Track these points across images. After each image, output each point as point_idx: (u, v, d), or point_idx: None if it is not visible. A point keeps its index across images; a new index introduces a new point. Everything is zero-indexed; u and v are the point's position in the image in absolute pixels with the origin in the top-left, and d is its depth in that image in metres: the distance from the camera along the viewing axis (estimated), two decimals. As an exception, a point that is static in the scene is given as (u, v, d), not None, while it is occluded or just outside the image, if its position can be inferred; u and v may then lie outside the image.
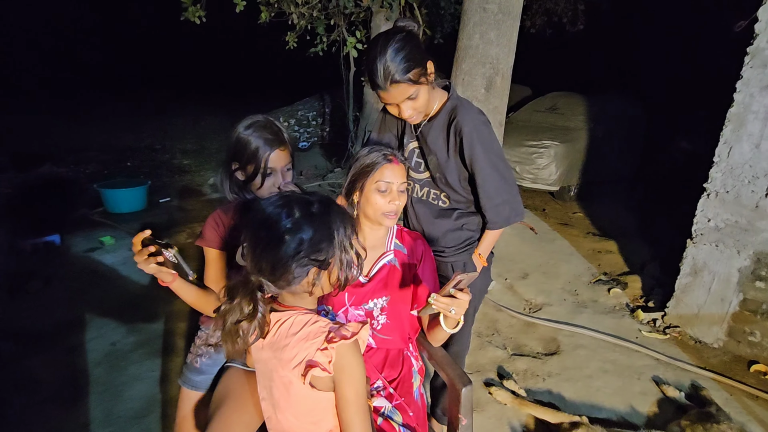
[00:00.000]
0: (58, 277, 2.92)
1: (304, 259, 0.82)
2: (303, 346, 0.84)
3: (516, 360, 2.30)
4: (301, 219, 0.83)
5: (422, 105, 1.19)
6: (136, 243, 0.94)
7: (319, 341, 0.83)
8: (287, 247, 0.81)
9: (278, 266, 0.82)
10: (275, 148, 1.15)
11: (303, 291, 0.88)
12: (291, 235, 0.81)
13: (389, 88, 1.11)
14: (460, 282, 0.94)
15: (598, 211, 4.88)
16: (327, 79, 7.65)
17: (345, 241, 0.87)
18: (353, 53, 5.21)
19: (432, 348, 1.23)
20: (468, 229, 1.35)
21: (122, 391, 2.00)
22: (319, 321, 0.88)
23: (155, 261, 0.94)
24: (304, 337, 0.85)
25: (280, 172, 1.18)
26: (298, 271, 0.83)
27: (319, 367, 0.82)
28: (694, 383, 2.13)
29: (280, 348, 0.87)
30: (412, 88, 1.13)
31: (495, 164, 1.23)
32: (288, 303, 0.92)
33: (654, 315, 2.69)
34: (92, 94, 10.31)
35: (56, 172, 5.31)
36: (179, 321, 2.53)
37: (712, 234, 2.34)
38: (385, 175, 1.16)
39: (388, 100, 1.16)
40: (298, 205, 0.85)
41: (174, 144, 7.16)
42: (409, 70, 1.10)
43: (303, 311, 0.90)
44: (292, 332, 0.87)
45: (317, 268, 0.85)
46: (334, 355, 0.82)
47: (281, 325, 0.89)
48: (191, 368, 1.24)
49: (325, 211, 0.86)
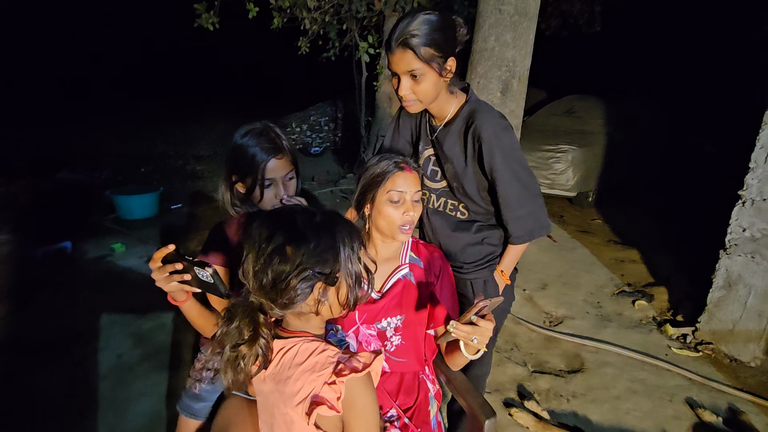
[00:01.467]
0: (67, 286, 2.89)
1: (307, 271, 0.74)
2: (308, 378, 0.75)
3: (537, 378, 2.17)
4: (303, 229, 0.76)
5: (424, 94, 1.09)
6: (157, 259, 0.84)
7: (327, 374, 0.74)
8: (288, 258, 0.74)
9: (279, 281, 0.74)
10: (272, 157, 1.06)
11: (309, 311, 0.80)
12: (292, 246, 0.75)
13: (395, 49, 1.04)
14: (483, 308, 0.84)
15: (619, 218, 4.70)
16: (339, 84, 7.62)
17: (352, 254, 0.80)
18: (365, 58, 5.16)
19: (451, 372, 1.13)
20: (489, 244, 1.24)
21: (127, 407, 1.93)
22: (327, 350, 0.78)
23: (179, 279, 0.84)
24: (310, 368, 0.75)
25: (281, 183, 1.09)
26: (302, 287, 0.75)
27: (326, 405, 0.72)
28: (731, 406, 1.98)
29: (283, 380, 0.77)
30: (417, 63, 1.04)
31: (517, 173, 1.12)
32: (293, 328, 0.83)
33: (684, 330, 2.53)
34: (111, 100, 10.48)
35: (72, 178, 5.35)
36: (187, 333, 2.47)
37: (748, 245, 2.19)
38: (397, 184, 1.07)
39: (391, 65, 1.09)
40: (300, 215, 0.79)
41: (188, 150, 7.19)
42: (424, 44, 1.02)
43: (310, 338, 0.81)
44: (296, 362, 0.77)
45: (323, 283, 0.77)
46: (344, 390, 0.73)
47: (285, 354, 0.80)
48: (190, 394, 1.15)
49: (329, 222, 0.79)
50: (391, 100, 5.37)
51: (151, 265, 0.85)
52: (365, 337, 1.10)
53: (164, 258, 0.84)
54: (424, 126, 1.26)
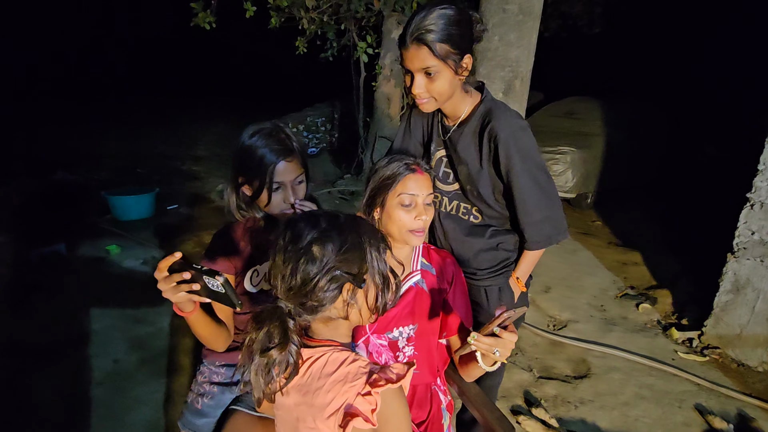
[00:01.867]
0: (62, 289, 2.82)
1: (335, 271, 0.74)
2: (340, 389, 0.71)
3: (544, 384, 2.13)
4: (328, 228, 0.76)
5: (439, 92, 1.05)
6: (162, 268, 0.79)
7: (360, 384, 0.70)
8: (315, 258, 0.73)
9: (307, 282, 0.73)
10: (281, 159, 1.01)
11: (338, 315, 0.78)
12: (319, 245, 0.74)
13: (410, 45, 1.00)
14: (507, 319, 0.80)
15: (619, 220, 4.69)
16: (337, 85, 7.57)
17: (378, 255, 0.79)
18: (364, 58, 5.12)
19: (464, 384, 1.08)
20: (504, 249, 1.20)
21: (124, 415, 1.87)
22: (359, 360, 0.75)
23: (187, 289, 0.79)
24: (342, 378, 0.72)
25: (290, 186, 1.03)
26: (330, 287, 0.74)
27: (361, 417, 0.68)
28: (740, 412, 1.95)
29: (312, 392, 0.74)
30: (432, 60, 1.00)
31: (535, 176, 1.08)
32: (320, 336, 0.80)
33: (690, 334, 2.50)
34: (106, 100, 10.38)
35: (68, 179, 5.27)
36: (184, 336, 2.41)
37: (757, 248, 2.16)
38: (408, 186, 1.02)
39: (405, 62, 1.04)
40: (324, 217, 0.78)
41: (185, 151, 7.11)
42: (440, 40, 0.98)
43: (339, 348, 0.78)
44: (326, 372, 0.74)
45: (351, 284, 0.76)
46: (379, 402, 0.69)
47: (313, 364, 0.76)
48: (192, 409, 1.09)
49: (354, 223, 0.79)
50: (390, 101, 5.33)
51: (156, 275, 0.79)
52: (376, 348, 1.05)
53: (171, 267, 0.79)
54: (436, 126, 1.21)
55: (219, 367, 1.08)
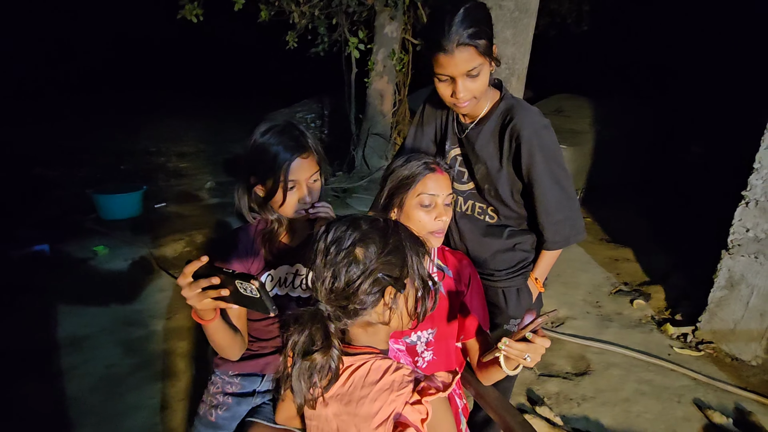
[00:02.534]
0: (48, 291, 2.72)
1: (377, 274, 0.73)
2: (388, 399, 0.69)
3: (545, 382, 2.14)
4: (370, 231, 0.75)
5: (480, 91, 1.02)
6: (188, 273, 0.74)
7: (407, 393, 0.68)
8: (358, 260, 0.73)
9: (350, 284, 0.72)
10: (296, 156, 0.96)
11: (378, 320, 0.76)
12: (361, 247, 0.73)
13: (455, 50, 0.95)
14: (537, 323, 0.78)
15: (608, 217, 4.74)
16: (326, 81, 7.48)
17: (418, 260, 0.78)
18: (355, 54, 5.05)
19: (483, 388, 1.06)
20: (522, 250, 1.18)
21: (120, 421, 1.81)
22: (402, 368, 0.73)
23: (215, 295, 0.74)
24: (388, 387, 0.70)
25: (305, 185, 1.00)
26: (372, 290, 0.73)
27: (412, 427, 0.66)
28: (738, 406, 1.98)
29: (355, 401, 0.72)
30: (477, 60, 0.97)
31: (556, 175, 1.06)
32: (359, 342, 0.79)
33: (684, 329, 2.54)
34: (86, 95, 10.05)
35: (47, 176, 5.09)
36: (179, 339, 2.35)
37: (752, 245, 2.20)
38: (428, 186, 1.00)
39: (446, 69, 0.98)
40: (364, 220, 0.78)
41: (170, 147, 6.94)
42: (479, 36, 0.95)
43: (380, 355, 0.77)
44: (370, 381, 0.72)
45: (392, 288, 0.74)
46: (430, 410, 0.67)
47: (354, 372, 0.74)
48: (205, 422, 1.03)
49: (394, 227, 0.79)
50: (382, 98, 5.29)
51: (180, 281, 0.74)
52: (393, 353, 1.02)
53: (196, 272, 0.74)
54: (452, 124, 1.18)
55: (233, 377, 1.04)
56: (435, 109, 1.22)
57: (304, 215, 0.99)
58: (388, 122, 5.40)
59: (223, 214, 4.25)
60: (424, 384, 0.69)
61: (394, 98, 5.38)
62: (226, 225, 4.00)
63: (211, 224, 3.98)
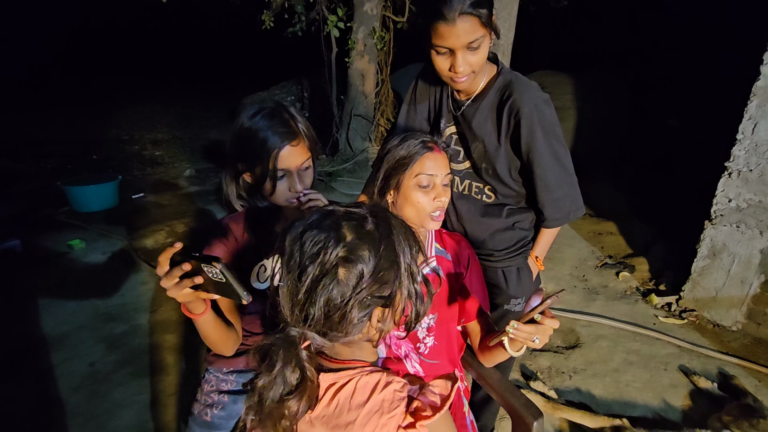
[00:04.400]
0: (22, 289, 2.59)
1: (366, 297, 0.60)
2: (378, 422, 0.60)
3: (537, 356, 2.17)
4: (357, 243, 0.60)
5: (479, 65, 0.97)
6: (163, 262, 0.68)
7: (399, 415, 0.60)
8: (343, 284, 0.59)
9: (334, 312, 0.59)
10: (286, 143, 0.89)
11: (362, 339, 0.66)
12: (347, 268, 0.59)
13: (457, 19, 0.89)
14: (545, 305, 0.76)
15: (589, 191, 4.74)
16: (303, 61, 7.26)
17: (412, 264, 0.65)
18: (335, 33, 4.89)
19: (484, 369, 1.05)
20: (521, 228, 1.15)
21: (106, 421, 1.75)
22: (393, 383, 0.64)
23: (191, 284, 0.68)
24: (377, 409, 0.61)
25: (296, 174, 0.93)
26: (360, 315, 0.60)
27: None
28: (721, 371, 2.05)
29: (342, 426, 0.62)
30: (480, 31, 0.91)
31: (556, 151, 1.03)
32: (342, 357, 0.68)
33: (668, 299, 2.61)
34: (52, 81, 9.53)
35: (13, 168, 4.83)
36: (165, 333, 2.28)
37: (734, 215, 2.25)
38: (426, 166, 0.95)
39: (446, 40, 0.92)
40: (347, 223, 0.62)
41: (143, 134, 6.67)
42: (481, 5, 0.89)
43: (366, 370, 0.66)
44: (357, 402, 0.62)
45: (381, 308, 0.63)
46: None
47: (339, 391, 0.64)
48: (200, 422, 0.99)
49: (385, 228, 0.63)
50: (364, 78, 5.16)
51: (158, 271, 0.68)
52: (394, 340, 1.00)
53: (173, 260, 0.67)
54: (446, 101, 1.13)
55: (227, 374, 0.99)
56: (428, 86, 1.16)
57: (295, 204, 0.93)
58: (370, 103, 5.29)
59: (204, 202, 4.13)
60: (418, 404, 0.62)
61: (376, 78, 5.26)
62: (207, 213, 3.88)
63: (191, 213, 3.86)
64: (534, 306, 0.78)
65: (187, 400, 1.85)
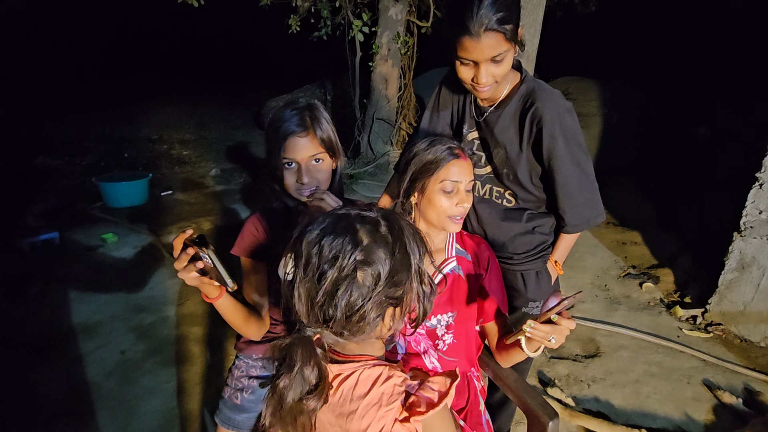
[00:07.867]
0: (58, 279, 2.74)
1: (382, 298, 0.63)
2: (375, 415, 0.63)
3: (556, 364, 2.16)
4: (373, 246, 0.63)
5: (502, 75, 0.99)
6: (177, 246, 0.72)
7: (396, 408, 0.63)
8: (362, 286, 0.61)
9: (352, 313, 0.62)
10: (294, 132, 0.92)
11: (373, 337, 0.69)
12: (364, 270, 0.61)
13: (482, 35, 0.90)
14: (563, 305, 0.78)
15: (614, 200, 4.69)
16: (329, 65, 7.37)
17: (421, 265, 0.68)
18: (359, 37, 4.97)
19: (501, 369, 1.07)
20: (541, 233, 1.17)
21: (137, 405, 1.84)
22: (393, 376, 0.66)
23: (195, 268, 0.72)
24: (376, 402, 0.64)
25: (303, 166, 0.94)
26: (375, 315, 0.63)
27: None
28: (747, 387, 2.00)
29: (345, 415, 0.66)
30: (504, 46, 0.93)
31: (578, 159, 1.05)
32: (350, 352, 0.71)
33: (693, 312, 2.55)
34: (86, 83, 9.96)
35: (51, 165, 5.08)
36: (192, 325, 2.37)
37: (764, 227, 2.19)
38: (451, 173, 0.98)
39: (470, 54, 0.94)
40: (361, 225, 0.64)
41: (172, 134, 6.90)
42: (507, 21, 0.90)
43: (370, 362, 0.69)
44: (358, 394, 0.66)
45: (393, 308, 0.66)
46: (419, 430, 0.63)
47: (343, 382, 0.68)
48: (230, 405, 1.05)
49: (398, 231, 0.66)
50: (387, 82, 5.22)
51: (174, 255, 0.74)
52: (414, 337, 1.03)
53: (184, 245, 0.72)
54: (469, 107, 1.16)
55: (257, 361, 1.04)
56: (451, 92, 1.20)
57: (306, 199, 0.95)
58: (393, 107, 5.35)
59: (229, 201, 4.25)
60: (414, 398, 0.64)
61: (399, 82, 5.31)
62: (232, 212, 4.00)
63: (217, 211, 3.98)
64: (551, 306, 0.80)
65: (210, 392, 1.92)
